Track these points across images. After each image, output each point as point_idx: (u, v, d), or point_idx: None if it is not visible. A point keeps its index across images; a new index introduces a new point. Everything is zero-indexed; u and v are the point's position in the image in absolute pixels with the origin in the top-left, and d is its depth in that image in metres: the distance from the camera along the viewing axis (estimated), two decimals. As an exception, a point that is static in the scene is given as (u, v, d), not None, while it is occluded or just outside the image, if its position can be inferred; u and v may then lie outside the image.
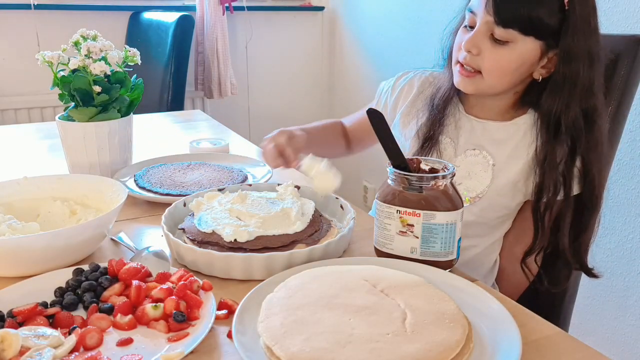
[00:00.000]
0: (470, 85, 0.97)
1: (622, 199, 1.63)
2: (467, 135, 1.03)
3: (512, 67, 0.93)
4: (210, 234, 0.81)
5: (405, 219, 0.76)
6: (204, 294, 0.68)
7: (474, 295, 0.69)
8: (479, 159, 1.01)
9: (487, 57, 0.93)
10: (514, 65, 0.92)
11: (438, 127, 1.03)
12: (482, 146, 1.02)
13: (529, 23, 0.89)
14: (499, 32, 0.90)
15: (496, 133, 1.02)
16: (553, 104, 0.94)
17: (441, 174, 0.77)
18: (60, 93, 1.09)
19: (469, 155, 1.02)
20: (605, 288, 1.71)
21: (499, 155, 1.01)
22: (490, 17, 0.90)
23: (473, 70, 0.96)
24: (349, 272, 0.71)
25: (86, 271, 0.73)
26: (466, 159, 1.02)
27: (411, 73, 1.16)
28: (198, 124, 1.81)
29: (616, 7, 1.58)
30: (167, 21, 2.32)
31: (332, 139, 1.26)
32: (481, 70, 0.94)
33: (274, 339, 0.58)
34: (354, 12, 2.94)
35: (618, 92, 1.02)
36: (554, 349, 0.63)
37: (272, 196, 0.91)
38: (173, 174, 1.14)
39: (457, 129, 1.04)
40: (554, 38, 0.91)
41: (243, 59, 2.96)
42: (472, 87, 0.97)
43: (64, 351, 0.58)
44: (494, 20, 0.89)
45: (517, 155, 1.00)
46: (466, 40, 0.94)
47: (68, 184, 0.94)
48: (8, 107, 2.49)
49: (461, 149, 1.03)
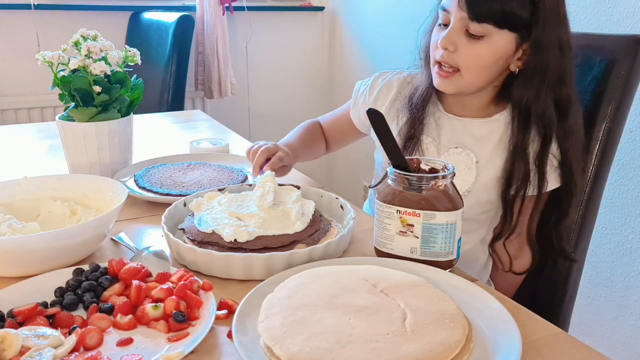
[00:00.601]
0: (450, 85, 0.98)
1: (622, 199, 1.63)
2: (449, 134, 1.04)
3: (489, 61, 0.94)
4: (210, 234, 0.81)
5: (405, 219, 0.76)
6: (204, 294, 0.68)
7: (474, 295, 0.69)
8: (462, 157, 1.02)
9: (464, 52, 0.93)
10: (491, 59, 0.93)
11: (418, 126, 1.04)
12: (464, 144, 1.02)
13: (502, 16, 0.90)
14: (474, 27, 0.91)
15: (477, 130, 1.02)
16: (524, 94, 0.95)
17: (441, 174, 0.77)
18: (61, 93, 1.09)
19: (452, 154, 1.03)
20: (605, 288, 1.71)
21: (481, 152, 1.02)
22: (464, 13, 0.91)
23: (451, 69, 0.96)
24: (349, 272, 0.71)
25: (86, 271, 0.73)
26: (449, 158, 1.03)
27: (389, 74, 1.15)
28: (198, 124, 1.81)
29: (615, 7, 1.58)
30: (167, 21, 2.32)
31: (314, 146, 1.26)
32: (459, 67, 0.95)
33: (274, 339, 0.58)
34: (354, 12, 2.94)
35: (618, 92, 1.02)
36: (553, 349, 0.63)
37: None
38: (173, 174, 1.14)
39: (437, 127, 1.05)
40: (526, 30, 0.92)
41: (243, 59, 2.96)
42: (453, 87, 0.98)
43: (64, 351, 0.58)
44: (468, 16, 0.90)
45: (499, 151, 1.01)
46: (442, 37, 0.94)
47: (68, 184, 0.95)
48: (8, 107, 2.49)
49: (444, 147, 1.04)
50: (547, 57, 0.92)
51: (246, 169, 1.20)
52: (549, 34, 0.91)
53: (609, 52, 1.04)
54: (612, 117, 1.03)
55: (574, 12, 1.71)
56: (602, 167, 1.06)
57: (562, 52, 0.93)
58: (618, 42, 1.04)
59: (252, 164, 1.06)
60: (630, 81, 1.02)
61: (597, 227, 1.30)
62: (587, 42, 1.08)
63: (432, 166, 0.81)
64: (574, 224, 1.06)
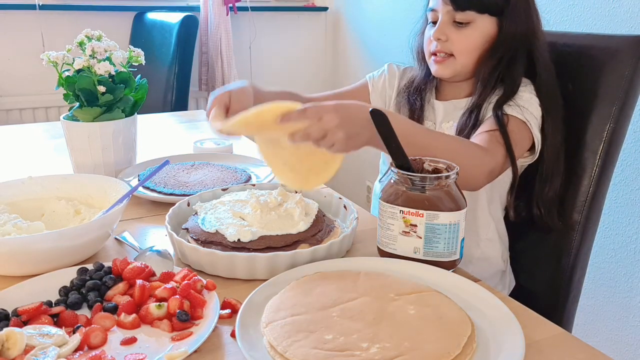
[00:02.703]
0: (446, 69, 1.09)
1: (625, 199, 1.63)
2: (443, 115, 1.14)
3: (478, 43, 1.07)
4: (214, 234, 0.81)
5: (408, 219, 0.76)
6: (207, 293, 0.69)
7: (477, 295, 0.69)
8: (452, 129, 1.10)
9: (456, 39, 1.06)
10: (479, 40, 1.06)
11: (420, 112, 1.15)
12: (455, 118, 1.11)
13: (481, 3, 1.04)
14: (460, 16, 1.05)
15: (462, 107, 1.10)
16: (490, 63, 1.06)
17: (444, 174, 0.77)
18: (65, 93, 1.09)
19: (445, 129, 1.12)
20: (609, 289, 1.71)
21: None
22: (449, 6, 1.05)
23: (446, 55, 1.08)
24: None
25: (90, 270, 0.73)
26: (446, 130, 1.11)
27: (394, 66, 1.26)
28: (202, 124, 1.82)
29: (620, 8, 1.57)
30: (171, 21, 2.33)
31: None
32: (453, 53, 1.07)
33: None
34: (357, 12, 2.94)
35: (621, 93, 1.02)
36: (557, 349, 0.63)
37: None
38: (177, 174, 1.15)
39: (434, 112, 1.16)
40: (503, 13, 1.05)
41: (247, 59, 2.97)
42: (449, 70, 1.09)
43: (68, 350, 0.58)
44: (453, 8, 1.05)
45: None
46: (434, 31, 1.07)
47: (72, 184, 0.95)
48: (13, 107, 2.50)
49: (439, 126, 1.14)
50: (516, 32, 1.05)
51: (250, 168, 1.21)
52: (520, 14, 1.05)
53: (613, 52, 1.03)
54: (616, 118, 1.02)
55: (578, 12, 1.70)
56: (605, 168, 1.05)
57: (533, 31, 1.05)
58: (622, 43, 1.03)
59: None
60: (635, 81, 1.02)
61: (600, 227, 1.29)
62: (592, 43, 1.08)
63: (436, 166, 0.81)
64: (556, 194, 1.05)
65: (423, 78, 1.17)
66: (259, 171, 1.20)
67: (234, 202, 0.89)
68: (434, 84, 1.18)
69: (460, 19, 1.05)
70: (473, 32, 1.06)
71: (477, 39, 1.07)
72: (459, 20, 1.06)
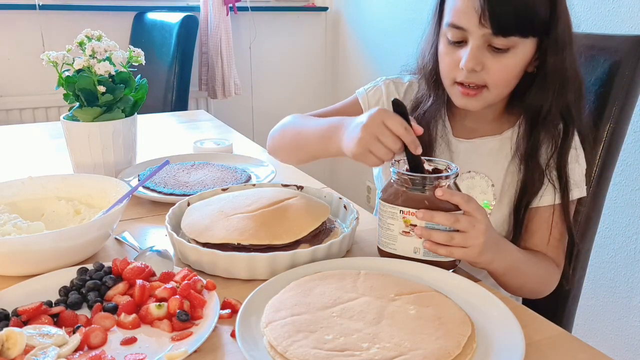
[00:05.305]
0: (477, 102, 0.90)
1: (625, 200, 1.63)
2: (464, 159, 0.98)
3: (517, 71, 0.89)
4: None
5: (408, 219, 0.76)
6: (207, 293, 0.69)
7: (477, 295, 0.69)
8: (475, 181, 0.97)
9: (493, 69, 0.86)
10: (519, 68, 0.89)
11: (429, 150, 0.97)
12: (477, 169, 0.98)
13: (529, 26, 0.85)
14: (500, 42, 0.84)
15: (488, 150, 0.98)
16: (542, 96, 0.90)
17: (444, 175, 0.77)
18: (65, 93, 1.09)
19: (465, 179, 0.98)
20: (609, 289, 1.71)
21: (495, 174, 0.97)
22: (487, 29, 0.83)
23: (477, 86, 0.89)
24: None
25: (90, 270, 0.73)
26: (463, 182, 0.97)
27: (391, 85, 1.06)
28: (202, 124, 1.82)
29: (620, 8, 1.57)
30: (171, 22, 2.33)
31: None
32: (487, 84, 0.88)
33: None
34: (357, 12, 2.94)
35: (622, 93, 1.02)
36: (557, 349, 0.63)
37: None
38: (177, 174, 1.15)
39: (449, 152, 0.99)
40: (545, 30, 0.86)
41: (247, 59, 2.97)
42: (480, 103, 0.91)
43: (69, 350, 0.58)
44: (492, 32, 0.83)
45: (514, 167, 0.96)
46: (466, 59, 0.86)
47: (72, 184, 0.95)
48: (13, 107, 2.50)
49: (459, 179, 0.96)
50: (564, 55, 0.88)
51: (250, 168, 1.21)
52: (565, 31, 0.87)
53: (613, 52, 1.03)
54: (617, 118, 1.02)
55: (578, 12, 1.70)
56: (606, 168, 1.05)
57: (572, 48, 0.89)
58: (623, 43, 1.03)
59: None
60: (635, 81, 1.02)
61: (600, 228, 1.29)
62: (592, 43, 1.08)
63: (436, 166, 0.81)
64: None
65: (435, 106, 0.97)
66: (259, 171, 1.20)
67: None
68: (445, 110, 0.99)
69: (501, 45, 0.85)
70: (514, 59, 0.86)
71: (517, 67, 0.87)
72: (498, 47, 0.85)
